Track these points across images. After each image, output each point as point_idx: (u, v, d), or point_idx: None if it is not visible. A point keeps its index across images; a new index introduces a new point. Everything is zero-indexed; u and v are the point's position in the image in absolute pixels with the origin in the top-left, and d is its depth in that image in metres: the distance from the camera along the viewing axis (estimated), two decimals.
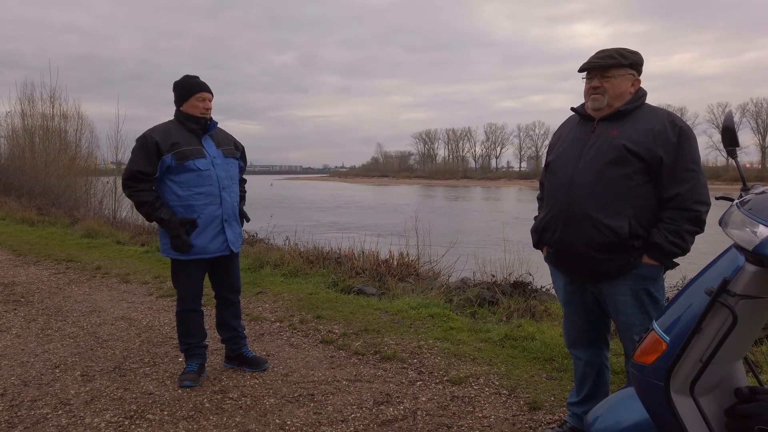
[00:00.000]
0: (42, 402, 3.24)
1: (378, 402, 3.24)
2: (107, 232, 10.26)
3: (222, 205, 3.46)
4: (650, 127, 2.39)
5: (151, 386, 3.47)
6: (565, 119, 2.77)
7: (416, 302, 5.21)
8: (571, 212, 2.46)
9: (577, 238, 2.45)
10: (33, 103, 19.61)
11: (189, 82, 3.49)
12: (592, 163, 2.44)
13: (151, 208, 3.34)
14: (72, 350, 4.14)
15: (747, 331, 1.71)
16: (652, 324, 1.81)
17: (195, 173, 3.37)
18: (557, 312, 4.95)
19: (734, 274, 1.61)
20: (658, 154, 2.34)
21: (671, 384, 1.69)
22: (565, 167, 2.54)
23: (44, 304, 5.52)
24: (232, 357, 3.77)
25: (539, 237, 2.67)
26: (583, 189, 2.44)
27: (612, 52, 2.48)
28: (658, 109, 2.50)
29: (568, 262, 2.56)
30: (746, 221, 1.62)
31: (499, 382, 3.49)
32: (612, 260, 2.40)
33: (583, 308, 2.65)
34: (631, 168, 2.36)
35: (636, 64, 2.50)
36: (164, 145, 3.33)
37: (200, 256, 3.43)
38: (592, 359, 2.71)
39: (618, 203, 2.38)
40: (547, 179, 2.69)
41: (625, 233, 2.36)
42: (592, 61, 2.49)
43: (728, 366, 1.76)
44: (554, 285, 2.82)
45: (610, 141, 2.42)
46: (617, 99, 2.45)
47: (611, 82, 2.45)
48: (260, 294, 5.78)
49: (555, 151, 2.67)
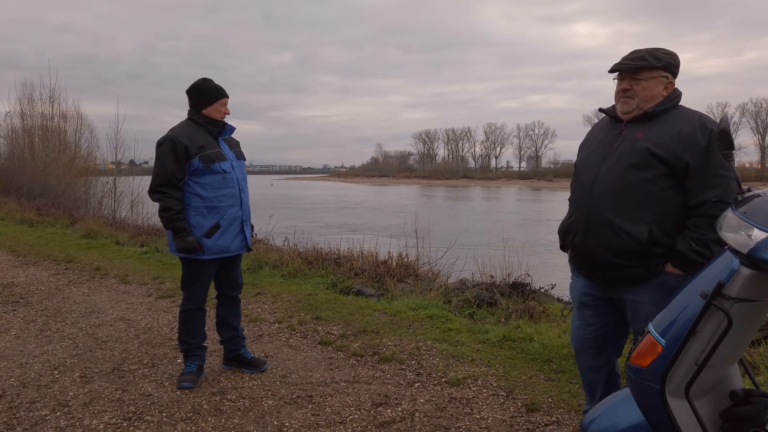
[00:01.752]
0: (41, 403, 3.24)
1: (376, 403, 3.25)
2: (106, 233, 10.26)
3: (242, 206, 3.56)
4: (678, 130, 2.30)
5: (150, 388, 3.47)
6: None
7: (415, 303, 5.21)
8: (591, 216, 2.42)
9: (596, 243, 2.41)
10: (32, 103, 19.61)
11: (213, 87, 3.53)
12: (615, 166, 2.38)
13: (175, 216, 3.36)
14: (71, 351, 4.15)
15: (742, 334, 1.71)
16: (648, 326, 1.82)
17: (220, 175, 3.44)
18: (555, 313, 4.96)
19: (729, 277, 1.61)
20: (684, 159, 2.26)
21: (667, 387, 1.69)
22: (589, 170, 2.50)
23: (43, 305, 5.52)
24: (230, 358, 3.78)
25: (563, 240, 2.64)
26: (604, 192, 2.39)
27: (644, 53, 2.39)
28: (690, 111, 2.41)
29: (588, 266, 2.52)
30: (741, 224, 1.62)
31: (497, 384, 3.50)
32: (632, 267, 2.35)
33: (598, 312, 2.58)
34: (654, 172, 2.30)
35: (671, 66, 2.40)
36: (193, 148, 3.37)
37: (222, 255, 3.50)
38: (601, 366, 2.65)
39: (639, 208, 2.31)
40: (574, 181, 2.65)
41: (644, 239, 2.30)
42: (623, 62, 2.41)
43: (723, 369, 1.77)
44: (571, 287, 2.75)
45: (635, 144, 2.35)
46: (647, 102, 2.38)
47: (641, 85, 2.37)
48: (259, 295, 5.79)
49: (582, 152, 2.63)
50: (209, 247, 3.43)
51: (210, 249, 3.43)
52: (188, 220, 3.41)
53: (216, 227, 3.43)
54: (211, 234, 3.42)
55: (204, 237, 3.41)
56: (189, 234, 3.35)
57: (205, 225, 3.42)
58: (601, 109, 2.61)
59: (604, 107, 2.60)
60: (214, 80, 3.60)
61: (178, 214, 3.36)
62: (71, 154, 19.23)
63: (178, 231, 3.36)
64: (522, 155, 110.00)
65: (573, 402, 3.22)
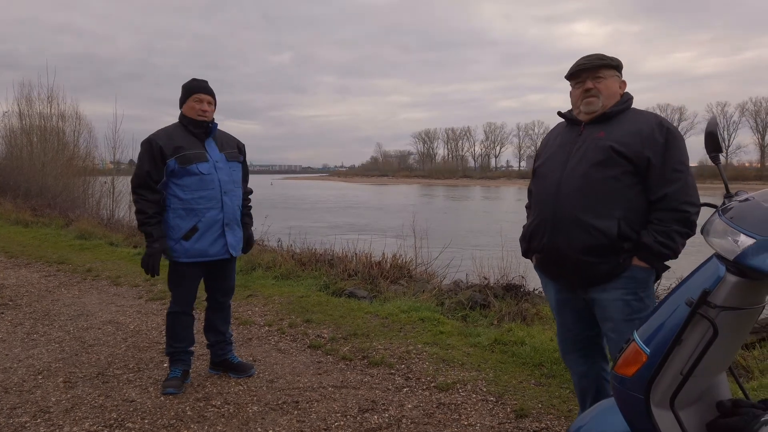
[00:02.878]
0: (21, 410, 3.19)
1: (363, 409, 3.19)
2: (101, 234, 10.21)
3: (223, 209, 3.44)
4: (637, 129, 2.36)
5: (134, 393, 3.42)
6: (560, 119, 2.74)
7: (407, 305, 5.15)
8: (559, 216, 2.41)
9: (565, 243, 2.40)
10: (30, 103, 19.55)
11: (188, 84, 3.50)
12: (579, 165, 2.40)
13: (146, 220, 3.34)
14: (56, 355, 4.09)
15: (729, 343, 1.66)
16: (633, 334, 1.76)
17: (197, 177, 3.36)
18: (548, 315, 4.90)
19: (715, 284, 1.56)
20: (646, 155, 2.31)
21: (651, 397, 1.64)
22: (552, 172, 2.50)
23: (32, 307, 5.47)
24: (217, 363, 3.72)
25: (528, 245, 2.62)
26: (570, 192, 2.40)
27: (598, 54, 2.50)
28: (645, 111, 2.50)
29: (557, 267, 2.51)
30: (728, 230, 1.57)
31: (486, 389, 3.44)
32: (601, 263, 2.35)
33: (576, 316, 2.58)
34: (618, 169, 2.33)
35: (621, 67, 2.52)
36: (167, 149, 3.33)
37: (199, 259, 3.42)
38: (588, 371, 2.63)
39: (606, 205, 2.34)
40: (535, 185, 2.64)
41: (614, 234, 2.32)
42: (583, 63, 2.47)
43: (710, 378, 1.71)
44: (545, 293, 2.76)
45: (597, 143, 2.39)
46: (610, 99, 2.44)
47: (604, 83, 2.44)
48: (251, 297, 5.73)
49: (542, 157, 2.64)
50: (187, 249, 3.37)
51: (188, 252, 3.38)
52: (167, 222, 3.38)
53: (194, 230, 3.36)
54: (189, 237, 3.36)
55: (182, 239, 3.36)
56: (155, 240, 3.32)
57: (183, 227, 3.37)
58: (560, 112, 2.64)
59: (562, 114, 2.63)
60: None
61: (149, 218, 3.33)
62: (69, 154, 19.18)
63: (146, 236, 3.34)
64: (522, 155, 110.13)
65: (563, 407, 3.16)
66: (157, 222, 3.37)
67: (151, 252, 3.33)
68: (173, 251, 3.40)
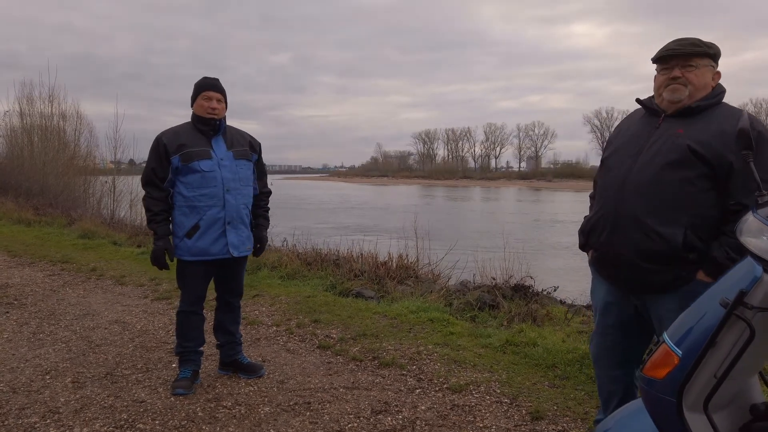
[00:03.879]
0: (30, 410, 3.15)
1: (376, 411, 3.16)
2: (104, 233, 10.17)
3: (225, 207, 3.39)
4: (722, 129, 2.14)
5: (143, 394, 3.38)
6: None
7: (415, 306, 5.12)
8: (621, 214, 2.25)
9: (623, 243, 2.24)
10: (31, 102, 19.50)
11: (198, 82, 3.48)
12: (650, 162, 2.21)
13: (152, 218, 3.39)
14: (63, 355, 4.05)
15: (764, 345, 1.62)
16: (662, 335, 1.72)
17: (199, 174, 3.34)
18: (559, 316, 4.87)
19: (751, 285, 1.52)
20: (728, 159, 2.09)
21: (684, 400, 1.60)
22: (620, 164, 2.32)
23: (37, 306, 5.42)
24: (227, 363, 3.69)
25: (586, 239, 2.46)
26: (636, 190, 2.22)
27: (695, 40, 2.24)
28: (736, 109, 2.25)
29: (612, 268, 2.36)
30: (763, 229, 1.53)
31: (500, 390, 3.40)
32: (661, 272, 2.19)
33: (620, 322, 2.43)
34: (693, 171, 2.13)
35: (718, 57, 2.27)
36: (171, 146, 3.34)
37: (200, 258, 3.38)
38: (620, 377, 2.50)
39: (674, 209, 2.16)
40: (601, 177, 2.48)
41: (678, 243, 2.14)
42: (673, 48, 2.23)
43: (743, 381, 1.67)
44: (592, 292, 2.60)
45: (674, 140, 2.19)
46: (700, 91, 2.22)
47: (695, 73, 2.21)
48: (257, 297, 5.69)
49: (612, 146, 2.45)
50: (189, 247, 3.36)
51: (190, 250, 3.36)
52: (174, 219, 3.40)
53: (196, 228, 3.35)
54: (192, 234, 3.35)
55: (185, 237, 3.36)
56: (159, 238, 3.36)
57: (186, 224, 3.36)
58: (639, 99, 2.43)
59: (641, 102, 2.41)
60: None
61: (154, 215, 3.37)
62: (70, 153, 19.15)
63: (153, 233, 3.41)
64: (522, 155, 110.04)
65: (579, 410, 3.12)
66: (163, 219, 3.38)
67: (155, 249, 3.38)
68: (177, 249, 3.39)
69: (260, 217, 3.68)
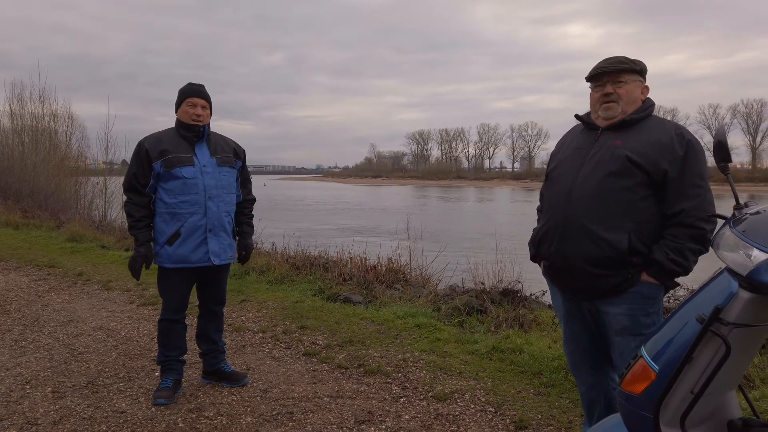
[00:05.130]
0: (8, 422, 3.10)
1: (359, 420, 3.12)
2: (92, 236, 10.09)
3: (206, 214, 3.35)
4: (656, 139, 2.28)
5: (124, 404, 3.33)
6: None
7: (403, 311, 5.09)
8: (569, 224, 2.35)
9: (573, 252, 2.33)
10: (22, 102, 19.33)
11: (183, 88, 3.46)
12: (592, 173, 2.33)
13: (133, 223, 3.37)
14: (45, 364, 4.00)
15: (741, 360, 1.60)
16: (640, 350, 1.70)
17: (180, 181, 3.30)
18: (546, 321, 4.85)
19: (727, 300, 1.50)
20: (663, 167, 2.23)
21: (661, 416, 1.58)
22: (564, 177, 2.43)
23: (21, 313, 5.36)
24: (210, 372, 3.65)
25: (536, 249, 2.55)
26: (581, 200, 2.33)
27: (621, 57, 2.38)
28: (666, 120, 2.41)
29: (564, 276, 2.44)
30: (740, 244, 1.51)
31: (485, 399, 3.38)
32: (609, 276, 2.29)
33: (584, 327, 2.51)
34: (633, 180, 2.26)
35: (644, 72, 2.42)
36: (153, 152, 3.31)
37: (181, 265, 3.34)
38: (596, 382, 2.57)
39: (617, 216, 2.27)
40: (547, 189, 2.58)
41: (623, 248, 2.25)
42: (603, 66, 2.38)
43: (721, 396, 1.66)
44: (553, 301, 2.69)
45: (613, 151, 2.31)
46: (630, 106, 2.36)
47: (625, 88, 2.35)
48: (244, 302, 5.65)
49: (555, 160, 2.57)
50: (170, 255, 3.32)
51: (171, 257, 3.32)
52: (156, 226, 3.37)
53: (176, 235, 3.31)
54: (172, 241, 3.31)
55: (166, 244, 3.32)
56: (140, 245, 3.33)
57: (167, 231, 3.33)
58: (577, 115, 2.56)
59: (579, 117, 2.55)
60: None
61: (136, 221, 3.35)
62: (61, 154, 18.99)
63: (135, 239, 3.37)
64: (515, 156, 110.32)
65: (563, 419, 3.10)
66: (144, 226, 3.35)
67: (134, 256, 3.34)
68: (158, 256, 3.37)
69: (245, 225, 3.65)
